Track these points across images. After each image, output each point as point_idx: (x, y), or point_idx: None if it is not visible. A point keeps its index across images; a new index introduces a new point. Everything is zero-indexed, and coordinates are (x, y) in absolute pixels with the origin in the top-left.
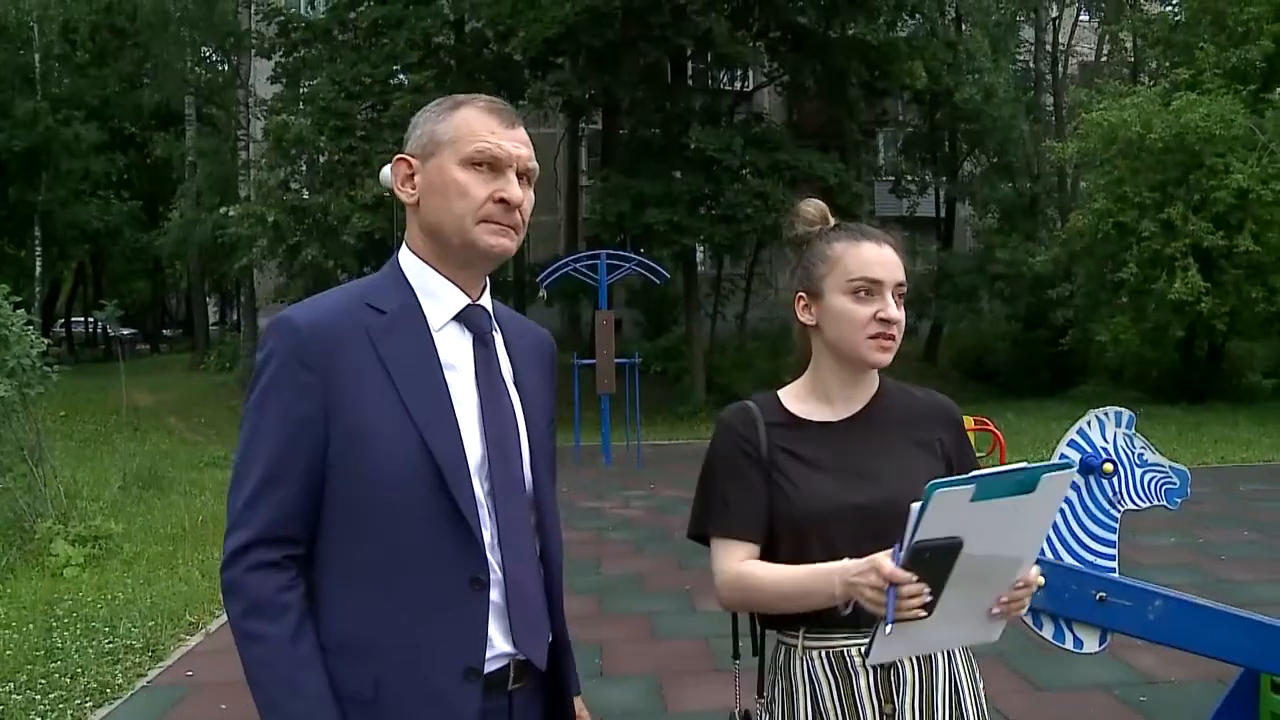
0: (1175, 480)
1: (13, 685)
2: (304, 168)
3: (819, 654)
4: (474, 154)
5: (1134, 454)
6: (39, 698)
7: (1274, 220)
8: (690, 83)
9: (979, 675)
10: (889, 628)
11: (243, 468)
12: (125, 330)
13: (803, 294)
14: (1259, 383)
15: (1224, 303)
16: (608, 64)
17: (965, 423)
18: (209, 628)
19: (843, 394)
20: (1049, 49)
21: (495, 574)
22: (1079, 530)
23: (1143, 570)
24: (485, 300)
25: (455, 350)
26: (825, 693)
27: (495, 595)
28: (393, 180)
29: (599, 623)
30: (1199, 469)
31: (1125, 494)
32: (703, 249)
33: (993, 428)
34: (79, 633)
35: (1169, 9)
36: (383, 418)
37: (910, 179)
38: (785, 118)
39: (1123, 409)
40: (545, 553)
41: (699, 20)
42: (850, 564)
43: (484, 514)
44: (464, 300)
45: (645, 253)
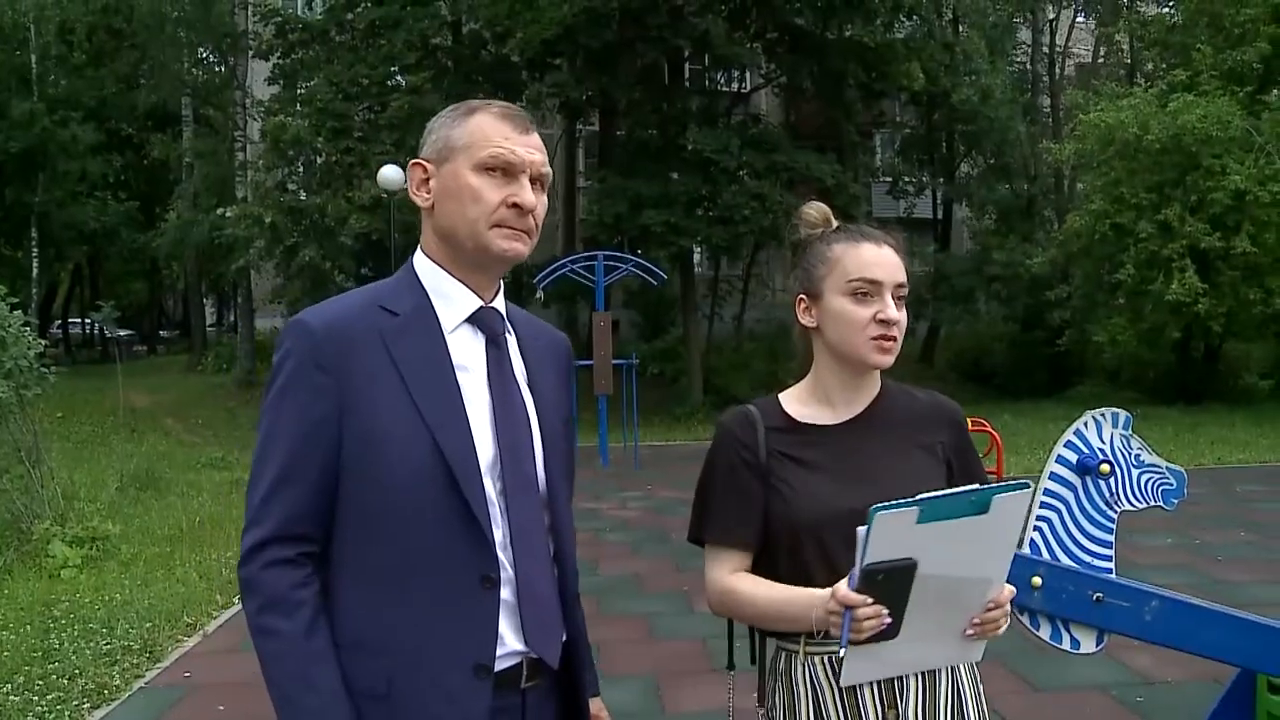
0: (1172, 481)
1: (10, 687)
2: (301, 169)
3: (821, 660)
4: (488, 159)
5: (1131, 455)
6: (36, 699)
7: (1271, 221)
8: (687, 84)
9: (980, 678)
10: (843, 650)
11: (259, 467)
12: (122, 331)
13: (803, 296)
14: (1255, 384)
15: (1221, 304)
16: (605, 65)
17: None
18: (206, 629)
19: (844, 396)
20: (1046, 50)
21: (506, 572)
22: (1076, 531)
23: (1139, 571)
24: (498, 303)
25: (468, 352)
26: (828, 699)
27: (506, 594)
28: (408, 184)
29: (596, 623)
30: (1196, 470)
31: (1122, 495)
32: (700, 250)
33: (990, 429)
34: (76, 634)
35: (1165, 11)
36: (395, 420)
37: (907, 180)
38: (782, 119)
39: (1119, 410)
40: (559, 553)
41: (696, 21)
42: (822, 590)
43: (496, 513)
44: (476, 302)
45: (642, 254)
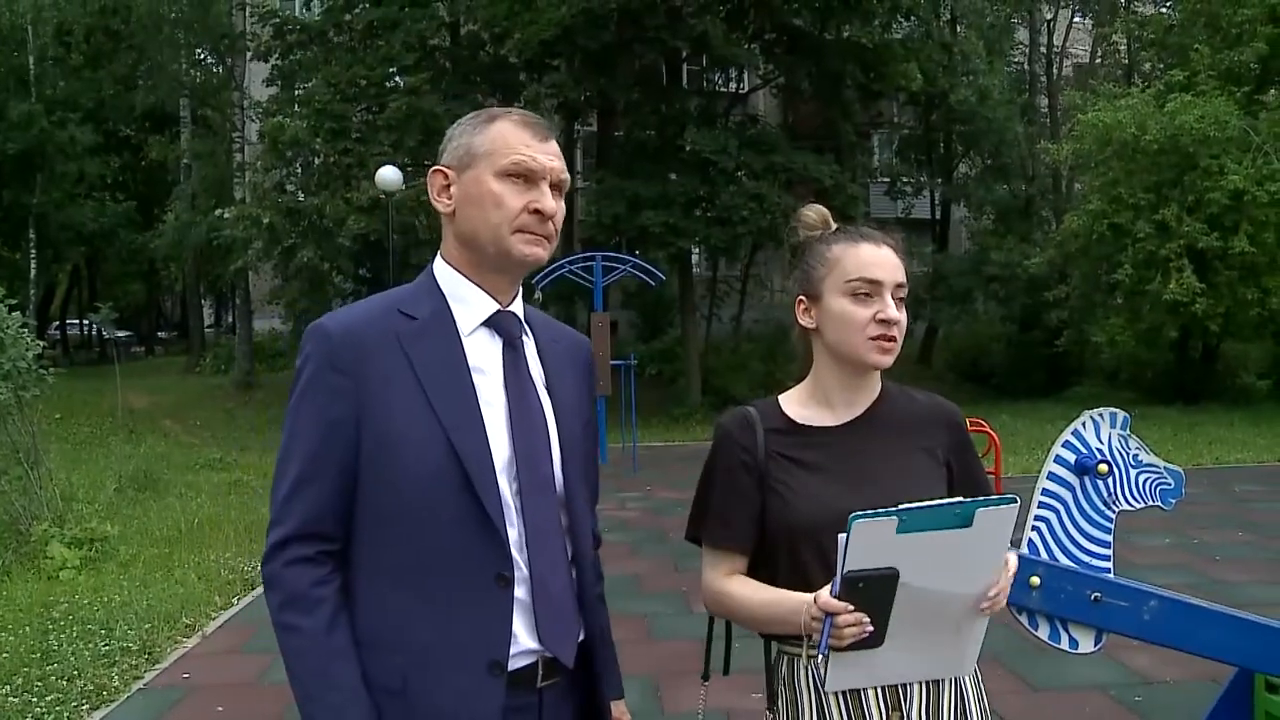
0: (1170, 481)
1: (9, 688)
2: (299, 170)
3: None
4: (510, 166)
5: (1129, 455)
6: (35, 700)
7: (1269, 221)
8: (685, 85)
9: (981, 680)
10: (820, 655)
11: (281, 467)
12: (120, 332)
13: (802, 297)
14: (1253, 384)
15: (1218, 304)
16: (603, 66)
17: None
18: (205, 630)
19: (844, 398)
20: (1043, 51)
21: (521, 571)
22: (1074, 531)
23: (1137, 571)
24: (516, 306)
25: (484, 354)
26: (832, 703)
27: (521, 592)
28: (429, 191)
29: None
30: (1193, 470)
31: (1120, 495)
32: (698, 251)
33: (988, 429)
34: (75, 635)
35: (1163, 11)
36: (411, 421)
37: (905, 181)
38: (780, 120)
39: (1118, 410)
40: (577, 554)
41: (694, 22)
42: (808, 595)
43: (511, 513)
44: (493, 306)
45: (641, 255)
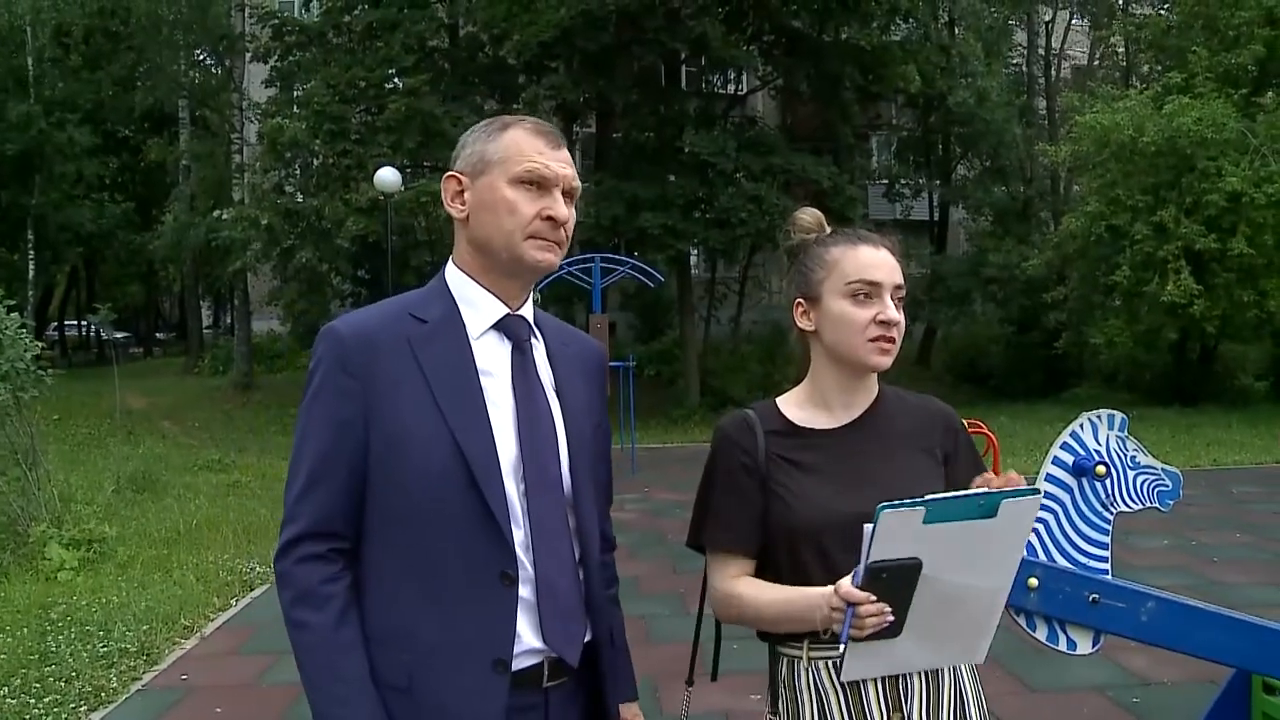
0: (1168, 482)
1: (7, 689)
2: (298, 171)
3: (825, 665)
4: (523, 173)
5: (1126, 456)
6: (33, 702)
7: (1266, 224)
8: (684, 86)
9: (980, 680)
10: (843, 646)
11: (294, 466)
12: (118, 334)
13: (801, 300)
14: (1251, 385)
15: (1215, 306)
16: (602, 68)
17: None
18: (204, 631)
19: (842, 400)
20: (1041, 53)
21: (526, 571)
22: (1072, 532)
23: (1135, 572)
24: (526, 310)
25: (493, 357)
26: (833, 703)
27: (525, 592)
28: (443, 196)
29: None
30: (1191, 471)
31: (1118, 496)
32: (697, 252)
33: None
34: (73, 636)
35: (1161, 13)
36: (419, 422)
37: (904, 182)
38: (779, 121)
39: (1115, 411)
40: (585, 555)
41: (693, 24)
42: (827, 589)
43: (517, 513)
44: (502, 310)
45: (639, 256)
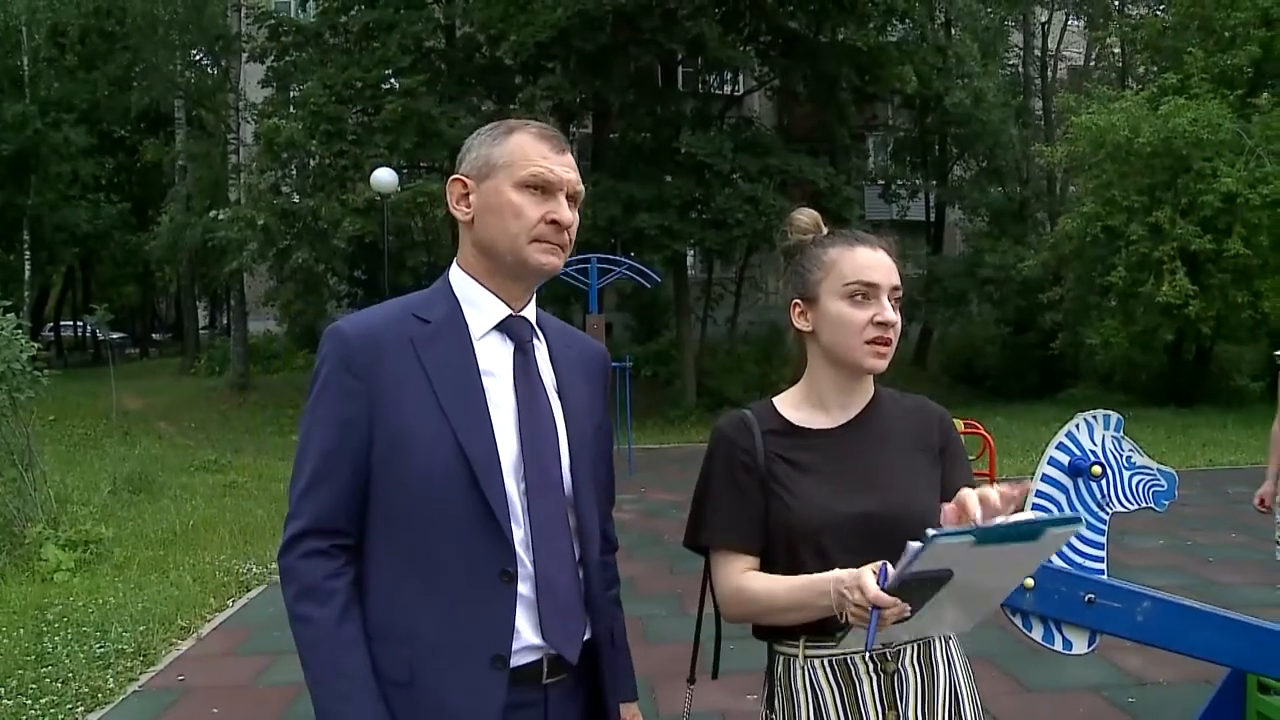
0: (1163, 483)
1: (3, 691)
2: (294, 171)
3: (821, 663)
4: (528, 177)
5: (1122, 457)
6: (30, 703)
7: (1261, 224)
8: (681, 87)
9: (975, 680)
10: (867, 650)
11: (298, 464)
12: (115, 334)
13: (798, 300)
14: (1247, 386)
15: (1210, 307)
16: (598, 68)
17: (955, 426)
18: (200, 632)
19: (839, 400)
20: (1038, 54)
21: (525, 569)
22: None
23: (1131, 572)
24: (528, 312)
25: (495, 358)
26: (828, 700)
27: (525, 589)
28: (448, 199)
29: None
30: (1187, 472)
31: (1113, 496)
32: (693, 253)
33: (983, 430)
34: (70, 638)
35: (1157, 14)
36: (422, 421)
37: (900, 183)
38: (776, 122)
39: (1111, 412)
40: (584, 555)
41: (689, 25)
42: (844, 574)
43: (517, 512)
44: (505, 311)
45: (636, 256)
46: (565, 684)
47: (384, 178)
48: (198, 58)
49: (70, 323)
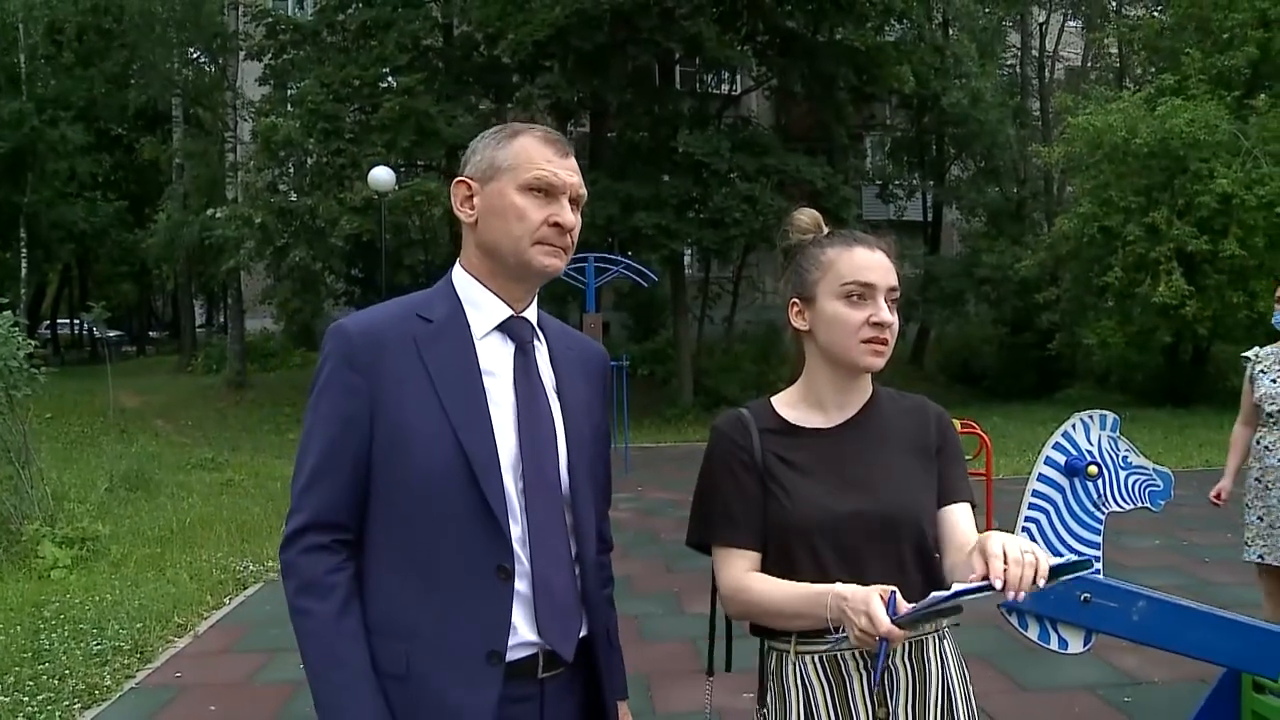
0: (1159, 483)
1: (0, 687)
2: (292, 170)
3: (812, 660)
4: (532, 181)
5: (1119, 457)
6: (27, 699)
7: (1257, 225)
8: (678, 86)
9: (969, 678)
10: (875, 681)
11: (300, 459)
12: (111, 332)
13: (796, 300)
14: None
15: (1206, 307)
16: (596, 67)
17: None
18: (197, 630)
19: (836, 400)
20: (1035, 54)
21: (522, 566)
22: (1064, 532)
23: (1127, 572)
24: (529, 313)
25: (496, 357)
26: (819, 697)
27: (522, 586)
28: (452, 201)
29: None
30: (1183, 472)
31: (1110, 496)
32: (691, 252)
33: (979, 430)
34: (67, 634)
35: (1154, 15)
36: (422, 419)
37: (897, 183)
38: (773, 122)
39: (1108, 412)
40: (581, 553)
41: (687, 24)
42: (847, 591)
43: (515, 509)
44: (506, 311)
45: (633, 256)
46: (561, 679)
47: (381, 176)
48: (195, 56)
49: (67, 320)
